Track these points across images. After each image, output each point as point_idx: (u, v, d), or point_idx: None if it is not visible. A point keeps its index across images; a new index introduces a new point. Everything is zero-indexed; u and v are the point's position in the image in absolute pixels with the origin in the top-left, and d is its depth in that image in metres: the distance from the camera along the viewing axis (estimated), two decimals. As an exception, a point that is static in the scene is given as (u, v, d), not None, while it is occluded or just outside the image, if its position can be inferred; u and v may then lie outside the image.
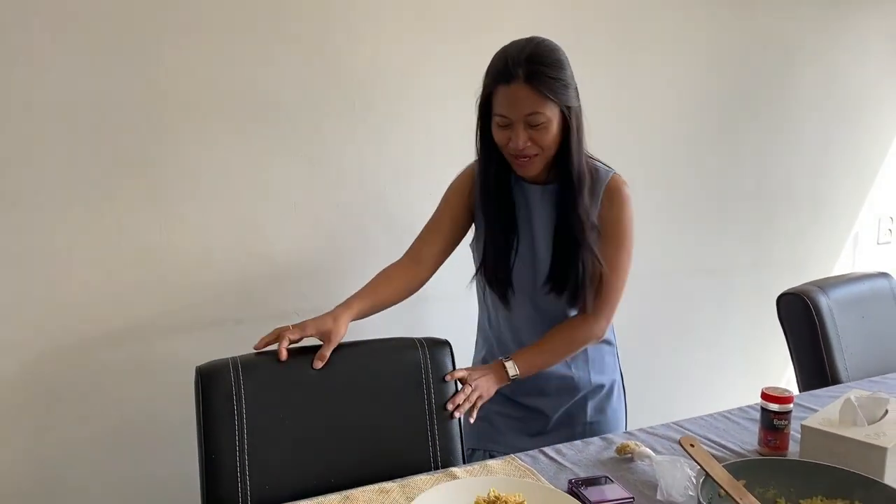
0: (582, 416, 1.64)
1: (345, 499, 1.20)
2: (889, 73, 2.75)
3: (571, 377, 1.62)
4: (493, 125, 1.45)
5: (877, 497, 1.10)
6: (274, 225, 1.84)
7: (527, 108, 1.40)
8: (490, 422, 1.65)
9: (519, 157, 1.45)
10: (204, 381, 1.34)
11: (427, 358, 1.46)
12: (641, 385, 2.36)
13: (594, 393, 1.65)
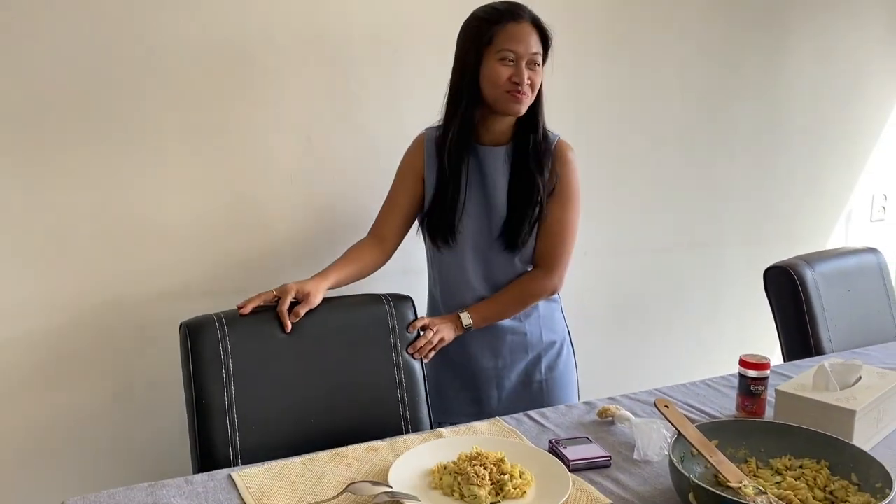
0: (537, 374, 1.72)
1: (335, 455, 1.26)
2: (884, 48, 2.76)
3: (525, 334, 1.70)
4: (493, 64, 1.54)
5: (842, 456, 1.14)
6: (271, 198, 1.89)
7: (533, 46, 1.54)
8: (443, 395, 1.73)
9: (517, 92, 1.54)
10: (191, 334, 1.43)
11: (392, 311, 1.58)
12: (634, 359, 2.41)
13: (546, 350, 1.73)
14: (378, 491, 1.09)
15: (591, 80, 2.24)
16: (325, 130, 1.92)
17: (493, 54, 1.53)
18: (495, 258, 1.66)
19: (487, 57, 1.54)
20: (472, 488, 1.10)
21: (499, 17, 1.54)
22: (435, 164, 1.65)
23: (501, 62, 1.53)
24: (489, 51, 1.54)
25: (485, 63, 1.55)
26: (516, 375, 1.73)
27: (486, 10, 1.58)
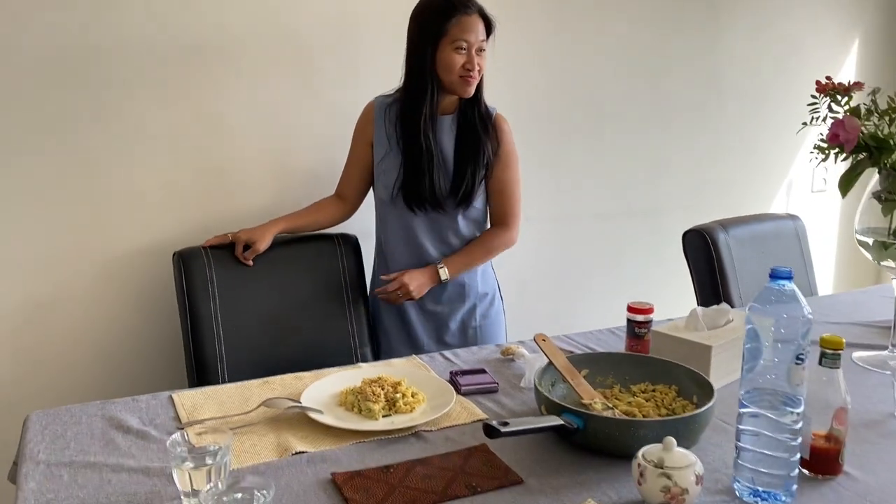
0: (472, 321, 1.96)
1: (264, 382, 1.47)
2: (822, 16, 2.90)
3: (463, 284, 1.93)
4: (447, 51, 1.77)
5: (687, 380, 1.34)
6: (237, 169, 2.09)
7: (481, 34, 1.79)
8: (388, 336, 1.95)
9: (468, 77, 1.78)
10: (184, 261, 1.79)
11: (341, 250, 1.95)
12: (572, 317, 2.60)
13: (481, 300, 1.97)
14: (289, 405, 1.31)
15: (530, 52, 2.42)
16: (288, 103, 2.11)
17: (448, 44, 1.76)
18: (443, 218, 1.88)
19: (442, 47, 1.77)
20: (368, 404, 1.30)
21: (452, 10, 1.76)
22: (385, 132, 1.86)
23: (456, 51, 1.77)
24: (444, 41, 1.77)
25: (440, 51, 1.77)
26: (455, 322, 1.95)
27: (438, 3, 1.78)
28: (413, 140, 1.82)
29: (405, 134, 1.84)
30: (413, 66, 1.82)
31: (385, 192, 1.87)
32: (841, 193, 1.53)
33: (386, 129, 1.86)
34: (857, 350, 1.65)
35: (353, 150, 1.94)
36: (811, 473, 1.14)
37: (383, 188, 1.87)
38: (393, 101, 1.88)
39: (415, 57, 1.81)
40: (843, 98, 1.55)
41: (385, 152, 1.87)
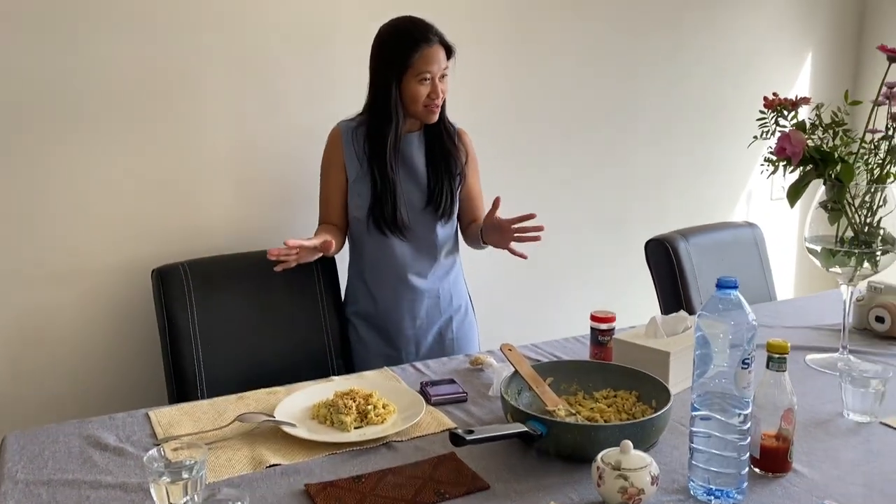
0: (448, 333, 2.01)
1: (239, 398, 1.50)
2: (779, 27, 3.00)
3: (439, 297, 1.98)
4: (411, 84, 1.82)
5: (646, 386, 1.40)
6: (201, 183, 2.13)
7: (443, 63, 1.85)
8: (370, 351, 1.97)
9: (433, 106, 1.85)
10: (163, 278, 1.83)
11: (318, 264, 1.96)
12: (544, 325, 2.66)
13: (456, 312, 2.02)
14: (263, 419, 1.34)
15: (496, 68, 2.49)
16: (254, 120, 2.15)
17: (412, 77, 1.82)
18: (420, 231, 1.93)
19: (407, 79, 1.82)
20: (340, 416, 1.35)
21: (414, 43, 1.81)
22: (355, 155, 1.90)
23: (420, 83, 1.82)
24: (408, 74, 1.82)
25: (404, 83, 1.83)
26: (432, 336, 2.00)
27: (400, 35, 1.83)
28: (381, 169, 1.87)
29: (372, 161, 1.88)
30: (377, 96, 1.87)
31: (359, 212, 1.90)
32: (790, 204, 1.60)
33: (356, 152, 1.90)
34: (811, 353, 1.73)
35: (328, 176, 1.95)
36: (762, 471, 1.20)
37: (357, 209, 1.91)
38: (358, 125, 1.92)
39: (379, 88, 1.86)
40: (789, 113, 1.62)
41: (357, 174, 1.90)
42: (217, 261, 1.93)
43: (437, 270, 1.97)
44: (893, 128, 1.57)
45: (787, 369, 1.19)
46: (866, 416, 1.39)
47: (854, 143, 1.59)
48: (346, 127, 1.93)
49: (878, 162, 1.58)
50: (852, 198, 1.59)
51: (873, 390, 1.38)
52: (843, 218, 1.60)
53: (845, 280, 1.63)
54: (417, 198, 1.92)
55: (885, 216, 1.59)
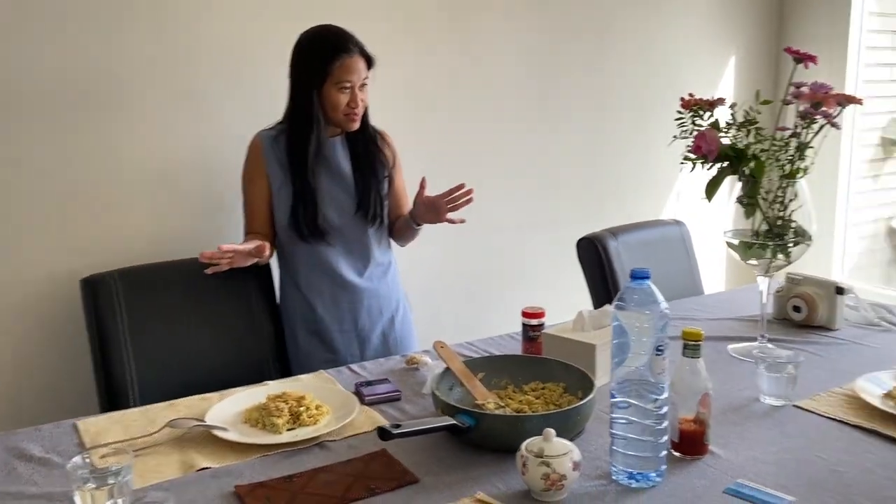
0: (392, 332, 2.03)
1: (170, 405, 1.49)
2: (708, 28, 3.11)
3: (379, 297, 2.00)
4: (331, 92, 1.83)
5: (573, 377, 1.44)
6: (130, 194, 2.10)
7: (363, 72, 1.87)
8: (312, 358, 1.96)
9: (353, 114, 1.86)
10: (93, 288, 1.80)
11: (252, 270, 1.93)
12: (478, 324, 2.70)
13: (396, 311, 2.04)
14: (193, 424, 1.34)
15: (429, 70, 2.52)
16: (183, 130, 2.14)
17: (332, 86, 1.84)
18: (352, 235, 1.94)
19: (327, 87, 1.84)
20: (272, 419, 1.35)
21: (333, 53, 1.83)
22: (277, 163, 1.90)
23: (340, 91, 1.84)
24: (328, 83, 1.83)
25: (325, 91, 1.84)
26: (376, 336, 2.01)
27: (319, 44, 1.85)
28: (302, 176, 1.88)
29: (294, 169, 1.89)
30: (297, 104, 1.88)
31: (284, 221, 1.91)
32: (707, 199, 1.68)
33: (278, 161, 1.90)
34: (732, 342, 1.80)
35: (252, 187, 1.94)
36: (680, 454, 1.25)
37: (283, 216, 1.91)
38: (278, 133, 1.92)
39: (299, 96, 1.88)
40: (705, 112, 1.69)
41: (280, 184, 1.90)
42: (148, 269, 1.90)
43: (373, 271, 1.99)
44: (801, 125, 1.66)
45: (701, 356, 1.24)
46: (780, 399, 1.46)
47: (766, 140, 1.67)
48: (267, 136, 1.93)
49: (789, 158, 1.67)
50: (765, 193, 1.67)
51: (786, 375, 1.45)
52: (758, 212, 1.67)
53: (761, 271, 1.71)
54: (347, 202, 1.93)
55: (796, 210, 1.67)
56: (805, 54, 1.68)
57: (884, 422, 1.36)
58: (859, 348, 1.77)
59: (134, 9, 2.03)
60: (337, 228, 1.92)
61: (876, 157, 3.76)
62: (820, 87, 1.65)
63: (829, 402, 1.46)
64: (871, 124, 3.63)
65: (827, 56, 3.19)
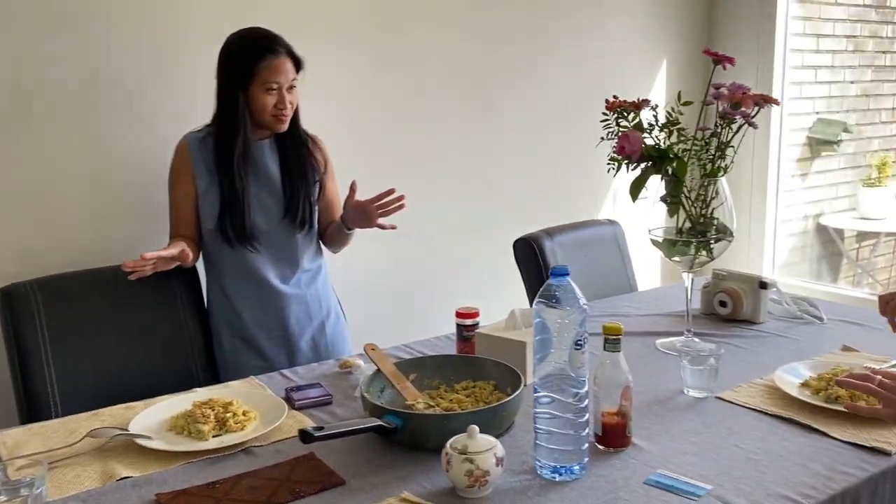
0: (322, 339, 2.01)
1: (93, 415, 1.46)
2: (632, 44, 3.19)
3: (307, 304, 1.97)
4: (259, 94, 1.82)
5: (504, 375, 1.46)
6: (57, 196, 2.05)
7: (290, 74, 1.85)
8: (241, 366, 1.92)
9: (282, 116, 1.85)
10: (9, 298, 1.73)
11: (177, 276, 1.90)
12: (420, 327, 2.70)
13: (327, 317, 2.02)
14: (115, 434, 1.31)
15: (360, 74, 2.51)
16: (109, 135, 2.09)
17: (259, 86, 1.82)
18: (280, 240, 1.92)
19: (253, 87, 1.82)
20: (197, 425, 1.33)
21: (260, 53, 1.81)
22: (204, 166, 1.87)
23: (266, 92, 1.82)
24: (254, 83, 1.81)
25: (251, 92, 1.82)
26: (305, 343, 1.98)
27: (246, 45, 1.84)
28: (229, 179, 1.86)
29: (220, 171, 1.86)
30: (224, 106, 1.86)
31: (212, 223, 1.88)
32: (632, 199, 1.71)
33: (206, 163, 1.88)
34: (660, 337, 1.84)
35: (178, 189, 1.90)
36: (604, 447, 1.28)
37: (209, 219, 1.88)
38: (206, 135, 1.90)
39: (226, 98, 1.85)
40: (629, 114, 1.73)
41: (206, 186, 1.88)
42: (68, 278, 1.84)
43: (301, 277, 1.97)
44: (721, 125, 1.71)
45: (621, 349, 1.27)
46: (703, 391, 1.50)
47: (688, 140, 1.71)
48: (194, 138, 1.90)
49: (710, 157, 1.72)
50: (688, 191, 1.72)
51: (708, 367, 1.50)
52: (681, 210, 1.72)
53: (686, 268, 1.75)
54: (274, 207, 1.91)
55: (718, 207, 1.72)
56: (723, 56, 1.73)
57: (799, 410, 1.41)
58: (782, 340, 1.83)
59: (63, 13, 1.98)
60: (264, 233, 1.89)
61: (803, 156, 3.90)
62: (738, 87, 1.70)
63: (750, 392, 1.51)
64: (798, 125, 3.77)
65: (755, 59, 3.31)
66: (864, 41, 4.13)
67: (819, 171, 4.04)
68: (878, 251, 4.36)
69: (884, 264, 4.46)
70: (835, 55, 3.92)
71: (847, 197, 4.22)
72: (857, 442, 1.28)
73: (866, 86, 4.20)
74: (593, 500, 1.13)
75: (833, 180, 4.14)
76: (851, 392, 1.40)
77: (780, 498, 1.13)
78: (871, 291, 3.84)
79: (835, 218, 4.11)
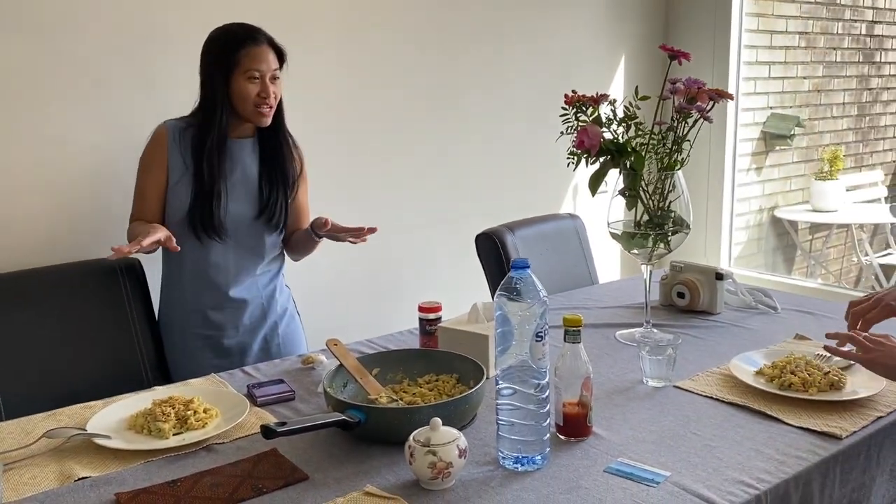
0: (275, 339, 1.99)
1: (51, 415, 1.43)
2: (592, 39, 3.22)
3: (263, 305, 1.96)
4: (242, 83, 1.80)
5: (466, 368, 1.46)
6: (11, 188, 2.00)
7: (272, 63, 1.84)
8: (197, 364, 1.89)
9: (264, 107, 1.82)
10: None
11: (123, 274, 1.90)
12: (385, 322, 2.70)
13: (281, 317, 2.00)
14: (73, 433, 1.29)
15: (326, 72, 2.50)
16: (65, 118, 2.05)
17: (241, 74, 1.80)
18: (248, 240, 1.90)
19: (235, 77, 1.80)
20: (158, 424, 1.31)
21: (241, 42, 1.81)
22: (181, 156, 1.84)
23: (249, 81, 1.80)
24: (236, 72, 1.80)
25: (234, 82, 1.81)
26: (257, 344, 1.96)
27: (228, 35, 1.83)
28: (209, 170, 1.83)
29: (197, 162, 1.84)
30: (207, 97, 1.84)
31: (179, 215, 1.85)
32: (591, 193, 1.73)
33: (182, 154, 1.85)
34: (620, 329, 1.87)
35: (148, 175, 1.87)
36: (565, 437, 1.29)
37: (177, 211, 1.85)
38: (187, 126, 1.87)
39: (208, 88, 1.84)
40: (588, 108, 1.75)
41: (179, 177, 1.85)
42: (9, 278, 1.79)
43: (260, 278, 1.95)
44: (677, 119, 1.74)
45: (581, 341, 1.29)
46: (661, 380, 1.53)
47: (645, 134, 1.74)
48: (174, 127, 1.87)
49: (667, 151, 1.75)
50: (646, 185, 1.75)
51: (666, 357, 1.52)
52: (639, 203, 1.75)
53: (644, 260, 1.78)
54: (248, 207, 1.89)
55: (675, 200, 1.75)
56: (678, 51, 1.76)
57: (754, 398, 1.45)
58: (738, 330, 1.88)
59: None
60: (233, 229, 1.87)
61: (758, 150, 3.99)
62: (693, 82, 1.73)
63: (707, 381, 1.55)
64: (753, 119, 3.85)
65: (710, 54, 3.37)
66: (816, 38, 4.24)
67: (773, 165, 4.14)
68: (831, 242, 4.48)
69: (835, 255, 4.59)
70: (787, 51, 4.01)
71: (800, 190, 4.33)
72: (809, 427, 1.32)
73: (818, 81, 4.32)
74: (555, 489, 1.14)
75: (787, 173, 4.24)
76: (803, 378, 1.45)
77: (735, 483, 1.16)
78: (823, 282, 3.96)
79: (789, 210, 4.22)
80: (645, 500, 1.11)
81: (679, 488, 1.14)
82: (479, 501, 1.11)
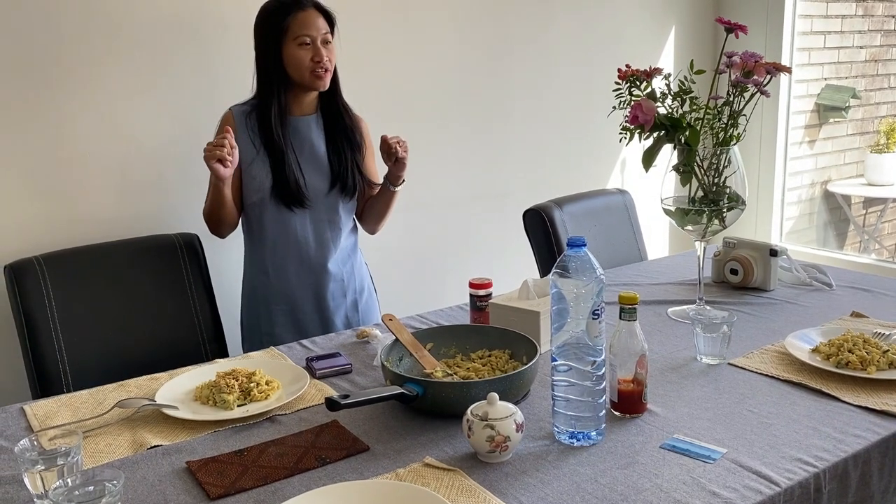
0: (356, 316, 2.04)
1: (120, 385, 1.49)
2: (640, 10, 3.17)
3: (343, 280, 2.01)
4: (292, 49, 1.83)
5: (518, 344, 1.48)
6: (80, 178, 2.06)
7: (322, 27, 1.86)
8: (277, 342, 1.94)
9: (319, 69, 1.84)
10: (16, 274, 1.75)
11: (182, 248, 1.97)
12: (433, 297, 2.74)
13: (360, 294, 2.06)
14: (143, 404, 1.35)
15: (373, 48, 2.51)
16: (132, 106, 2.10)
17: (292, 41, 1.83)
18: (324, 213, 1.94)
19: (287, 45, 1.83)
20: (223, 395, 1.36)
21: (287, 8, 1.84)
22: (249, 138, 1.88)
23: (300, 46, 1.83)
24: (287, 40, 1.83)
25: (286, 50, 1.83)
26: (339, 319, 2.02)
27: (275, 4, 1.86)
28: (274, 143, 1.87)
29: (266, 138, 1.88)
30: (262, 70, 1.88)
31: (257, 195, 1.89)
32: (644, 168, 1.72)
33: (250, 136, 1.89)
34: (672, 306, 1.87)
35: None
36: (620, 413, 1.31)
37: (255, 192, 1.89)
38: (251, 109, 1.91)
39: (263, 61, 1.88)
40: (641, 83, 1.74)
41: (252, 158, 1.89)
42: (75, 252, 1.87)
43: (340, 253, 2.00)
44: (733, 94, 1.71)
45: (637, 319, 1.29)
46: (716, 358, 1.53)
47: (700, 109, 1.72)
48: (239, 111, 1.92)
49: (722, 126, 1.72)
50: (701, 160, 1.73)
51: (721, 335, 1.52)
52: (694, 179, 1.73)
53: (698, 237, 1.77)
54: (321, 180, 1.93)
55: (730, 176, 1.73)
56: (735, 24, 1.72)
57: (810, 375, 1.44)
58: (792, 307, 1.86)
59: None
60: (312, 199, 1.92)
61: (811, 123, 3.89)
62: (750, 56, 1.70)
63: (762, 359, 1.54)
64: (807, 91, 3.75)
65: (763, 25, 3.29)
66: (874, 5, 4.09)
67: (826, 138, 4.03)
68: (886, 217, 4.36)
69: (891, 230, 4.47)
70: (844, 20, 3.88)
71: (854, 163, 4.22)
72: (868, 406, 1.31)
73: (875, 51, 4.17)
74: (611, 464, 1.16)
75: (840, 147, 4.13)
76: (861, 356, 1.43)
77: (793, 460, 1.16)
78: (877, 258, 3.87)
79: (842, 184, 4.12)
80: (702, 475, 1.12)
81: (736, 465, 1.15)
82: (536, 475, 1.13)
